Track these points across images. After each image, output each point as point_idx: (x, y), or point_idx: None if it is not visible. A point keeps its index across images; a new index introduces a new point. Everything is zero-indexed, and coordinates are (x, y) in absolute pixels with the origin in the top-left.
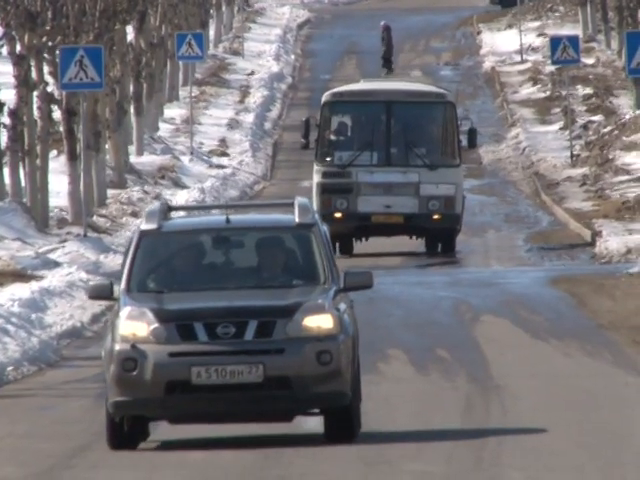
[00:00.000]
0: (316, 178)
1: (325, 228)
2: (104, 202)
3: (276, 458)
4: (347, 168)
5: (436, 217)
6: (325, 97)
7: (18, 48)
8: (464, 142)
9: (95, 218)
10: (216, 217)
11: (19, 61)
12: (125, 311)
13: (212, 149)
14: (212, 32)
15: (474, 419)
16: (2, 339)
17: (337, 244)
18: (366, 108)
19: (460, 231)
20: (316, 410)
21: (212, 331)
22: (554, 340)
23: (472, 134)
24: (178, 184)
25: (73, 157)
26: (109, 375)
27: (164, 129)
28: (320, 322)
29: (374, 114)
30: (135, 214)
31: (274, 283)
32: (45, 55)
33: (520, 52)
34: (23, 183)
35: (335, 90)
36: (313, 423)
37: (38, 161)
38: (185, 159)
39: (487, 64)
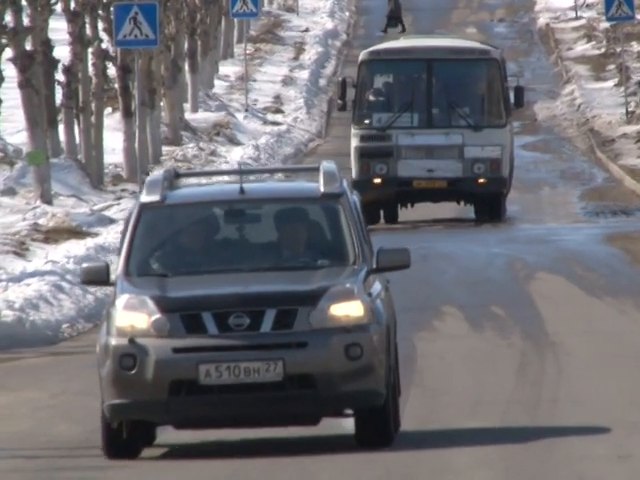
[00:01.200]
0: (354, 142)
1: (356, 198)
2: (159, 159)
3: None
4: (386, 131)
5: (481, 181)
6: (362, 55)
7: (72, 5)
8: (512, 100)
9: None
10: (229, 186)
11: (73, 18)
12: (122, 299)
13: (267, 106)
14: None
15: (529, 376)
16: (57, 296)
17: (381, 211)
18: (405, 67)
19: (507, 195)
20: (347, 411)
21: (223, 322)
22: (609, 297)
23: (519, 92)
24: (233, 141)
25: (128, 114)
26: (104, 374)
27: (219, 86)
28: (349, 310)
29: (414, 73)
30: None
31: (296, 264)
32: (99, 12)
33: (575, 9)
34: (78, 140)
35: (373, 48)
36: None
37: (93, 118)
38: (240, 116)
39: (541, 20)
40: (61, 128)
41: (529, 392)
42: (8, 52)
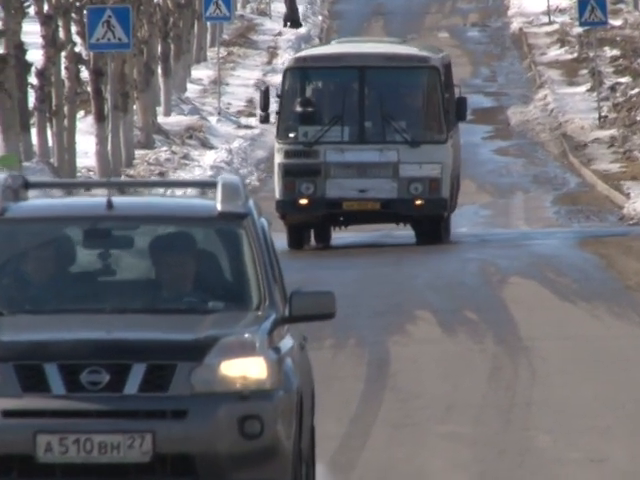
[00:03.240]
0: (277, 158)
1: (265, 222)
2: (132, 163)
3: None
4: (313, 146)
5: (419, 202)
6: (288, 62)
7: (46, 8)
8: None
9: (123, 178)
10: (93, 199)
11: (47, 21)
12: None
13: (240, 110)
14: None
15: (502, 381)
16: None
17: (311, 232)
18: (335, 75)
19: (450, 215)
20: None
21: (73, 378)
22: (582, 302)
23: (461, 104)
24: (206, 145)
25: (101, 118)
26: None
27: (192, 90)
28: (246, 369)
29: (345, 82)
30: (162, 175)
31: (177, 306)
32: (73, 15)
33: (548, 13)
34: (50, 143)
35: (299, 54)
36: None
37: (65, 121)
38: (213, 120)
39: (515, 25)
40: (34, 131)
41: (502, 396)
42: None
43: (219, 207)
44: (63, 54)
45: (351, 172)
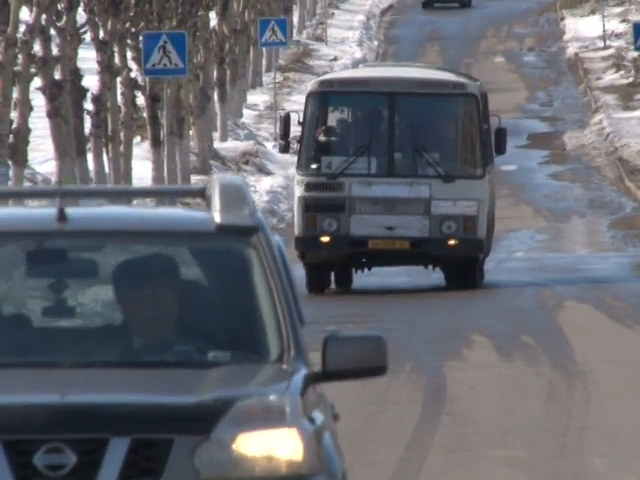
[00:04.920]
0: (297, 191)
1: (279, 240)
2: None
3: None
4: (338, 178)
5: (452, 242)
6: (311, 86)
7: (101, 34)
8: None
9: (179, 204)
10: (38, 210)
11: (102, 47)
12: None
13: (296, 135)
14: (295, 18)
15: (557, 405)
16: None
17: (332, 274)
18: (363, 101)
19: (485, 259)
20: None
21: (24, 461)
22: (638, 326)
23: (500, 136)
24: (262, 170)
25: (157, 143)
26: None
27: (247, 115)
28: (274, 446)
29: (373, 109)
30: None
31: (164, 357)
32: (128, 41)
33: (603, 38)
34: (107, 169)
35: (323, 78)
36: None
37: (121, 147)
38: (269, 145)
39: (570, 50)
40: (90, 157)
41: (558, 420)
42: (37, 81)
43: (217, 218)
44: (119, 80)
45: (378, 208)
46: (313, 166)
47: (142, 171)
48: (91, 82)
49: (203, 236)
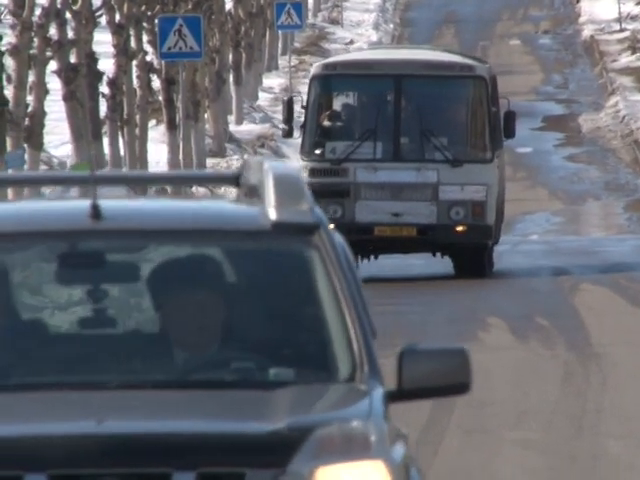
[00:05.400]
0: None
1: (341, 239)
2: None
3: None
4: (342, 164)
5: (460, 229)
6: (314, 69)
7: (117, 17)
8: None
9: (194, 188)
10: (68, 204)
11: (118, 30)
12: None
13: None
14: (311, 1)
15: (573, 387)
16: None
17: None
18: (368, 84)
19: (494, 246)
20: None
21: None
22: None
23: (509, 119)
24: (278, 153)
25: (172, 126)
26: None
27: (263, 98)
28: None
29: (379, 92)
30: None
31: (221, 375)
32: (144, 24)
33: (619, 20)
34: (122, 152)
35: (327, 61)
36: None
37: (137, 130)
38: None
39: (586, 32)
40: (105, 140)
41: (574, 402)
42: (53, 65)
43: (273, 215)
44: (134, 63)
45: (384, 194)
46: (317, 151)
47: (158, 154)
48: (107, 65)
49: (257, 235)
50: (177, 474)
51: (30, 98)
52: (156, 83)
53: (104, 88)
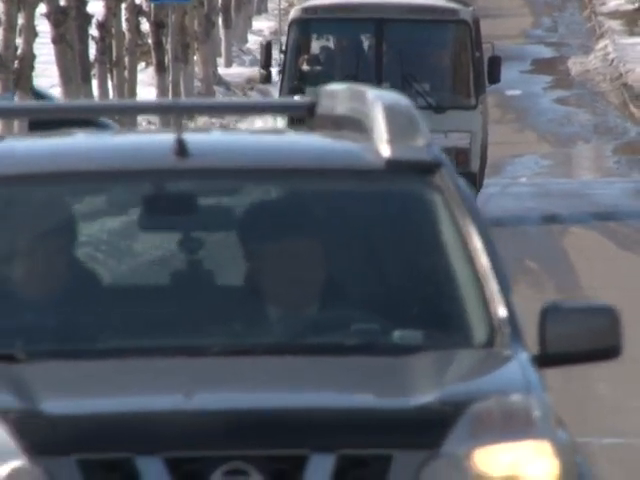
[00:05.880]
0: (279, 124)
1: (462, 180)
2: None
3: None
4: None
5: None
6: (294, 13)
7: None
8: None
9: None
10: (147, 139)
11: None
12: None
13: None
14: None
15: None
16: None
17: None
18: (348, 28)
19: (478, 193)
20: None
21: None
22: None
23: (494, 64)
24: (267, 96)
25: (161, 69)
26: None
27: (252, 41)
28: (522, 465)
29: (359, 37)
30: (224, 127)
31: (341, 338)
32: None
33: None
34: (111, 95)
35: (307, 4)
36: None
37: (126, 73)
38: (274, 71)
39: None
40: (95, 83)
41: None
42: (42, 8)
43: (386, 151)
44: (124, 6)
45: None
46: (296, 97)
47: (147, 97)
48: (96, 8)
49: (369, 175)
50: (315, 456)
51: (19, 41)
52: (145, 26)
53: (93, 31)
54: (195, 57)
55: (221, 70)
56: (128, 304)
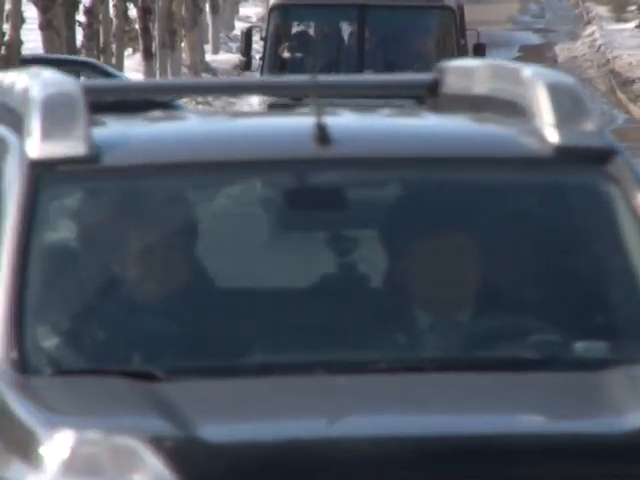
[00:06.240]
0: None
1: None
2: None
3: None
4: (303, 99)
5: None
6: None
7: None
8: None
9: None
10: (277, 122)
11: None
12: (57, 443)
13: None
14: None
15: None
16: None
17: None
18: (331, 15)
19: None
20: None
21: None
22: None
23: (478, 52)
24: None
25: (148, 55)
26: None
27: (240, 28)
28: None
29: (342, 23)
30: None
31: (521, 351)
32: None
33: None
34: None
35: None
36: None
37: (114, 59)
38: (256, 58)
39: None
40: None
41: None
42: None
43: (554, 136)
44: None
45: None
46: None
47: None
48: None
49: (536, 163)
50: None
51: (6, 27)
52: (133, 12)
53: (81, 17)
54: (182, 43)
55: (208, 57)
56: (272, 313)
